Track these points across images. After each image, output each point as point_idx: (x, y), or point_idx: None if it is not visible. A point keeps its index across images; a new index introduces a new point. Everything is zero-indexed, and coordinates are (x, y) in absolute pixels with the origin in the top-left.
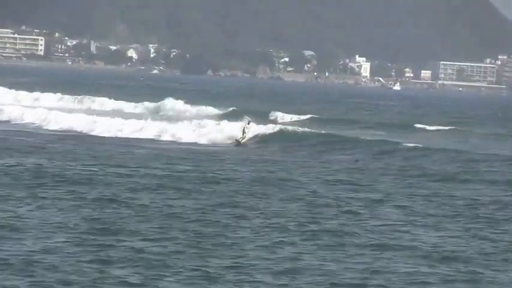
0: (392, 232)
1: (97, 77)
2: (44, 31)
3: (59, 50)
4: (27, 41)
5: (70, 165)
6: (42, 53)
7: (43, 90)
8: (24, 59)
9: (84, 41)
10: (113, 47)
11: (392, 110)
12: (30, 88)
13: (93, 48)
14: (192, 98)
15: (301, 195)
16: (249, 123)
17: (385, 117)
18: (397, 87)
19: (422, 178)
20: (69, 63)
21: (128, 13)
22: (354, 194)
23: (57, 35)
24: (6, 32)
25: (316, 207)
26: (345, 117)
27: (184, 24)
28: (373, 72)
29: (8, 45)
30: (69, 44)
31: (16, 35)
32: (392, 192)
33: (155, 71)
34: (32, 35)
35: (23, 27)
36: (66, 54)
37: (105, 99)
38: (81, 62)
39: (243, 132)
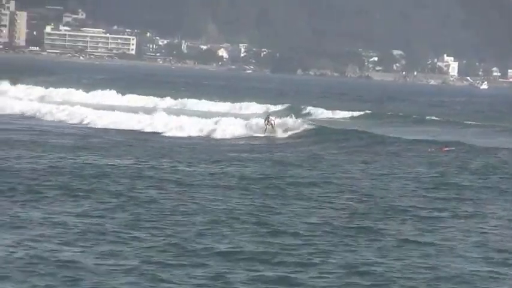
0: None
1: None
2: (136, 31)
3: (150, 49)
4: (119, 41)
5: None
6: (133, 52)
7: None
8: (116, 58)
9: (176, 41)
10: (204, 47)
11: None
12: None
13: (184, 47)
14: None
15: None
16: (269, 116)
17: None
18: (484, 86)
19: None
20: (160, 62)
21: (218, 13)
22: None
23: (148, 34)
24: (99, 32)
25: None
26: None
27: (274, 23)
28: (460, 71)
29: (100, 45)
30: (160, 43)
31: (108, 35)
32: None
33: (249, 71)
34: (124, 34)
35: (115, 27)
36: (158, 54)
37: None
38: (172, 61)
39: (265, 123)
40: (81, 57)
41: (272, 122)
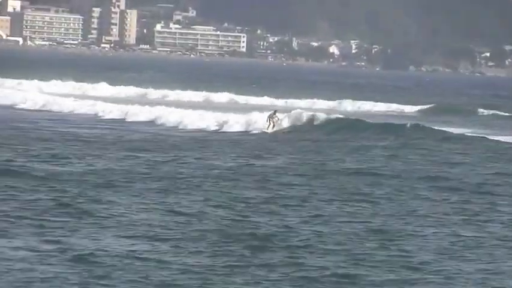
0: None
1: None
2: (246, 28)
3: (261, 46)
4: (230, 38)
5: None
6: (244, 49)
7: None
8: (227, 55)
9: (286, 38)
10: (315, 44)
11: None
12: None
13: (294, 44)
14: None
15: None
16: (275, 113)
17: None
18: None
19: None
20: (271, 59)
21: (329, 9)
22: None
23: (259, 32)
24: (209, 30)
25: None
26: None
27: (385, 20)
28: None
29: (210, 43)
30: (271, 40)
31: (219, 32)
32: None
33: (364, 68)
34: (234, 32)
35: (225, 25)
36: (268, 51)
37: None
38: (282, 58)
39: (268, 121)
40: (191, 55)
41: (275, 119)
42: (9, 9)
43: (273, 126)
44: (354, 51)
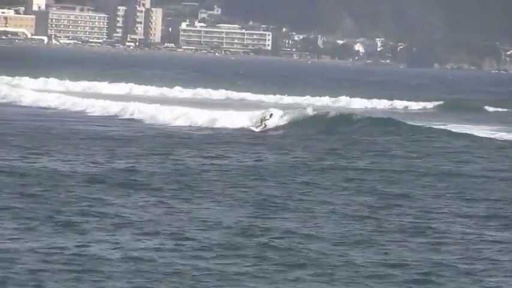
0: None
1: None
2: (271, 26)
3: (286, 45)
4: (255, 36)
5: None
6: (269, 48)
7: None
8: (252, 54)
9: (311, 36)
10: (340, 41)
11: None
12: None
13: (320, 42)
14: None
15: None
16: (270, 116)
17: None
18: None
19: None
20: (296, 57)
21: (354, 7)
22: None
23: (284, 30)
24: (234, 28)
25: None
26: None
27: (410, 17)
28: None
29: (235, 41)
30: (296, 38)
31: (244, 31)
32: None
33: (389, 66)
34: (260, 30)
35: (251, 23)
36: (293, 49)
37: None
38: (308, 56)
39: (261, 121)
40: (216, 54)
41: (267, 122)
42: (34, 7)
43: (264, 127)
44: (379, 49)
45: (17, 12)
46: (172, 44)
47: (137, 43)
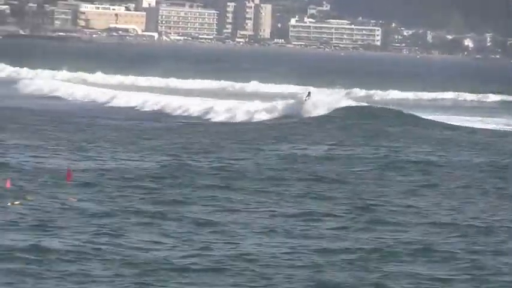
0: None
1: None
2: (381, 22)
3: (396, 40)
4: (364, 32)
5: None
6: (378, 43)
7: None
8: (361, 49)
9: (420, 31)
10: (449, 36)
11: None
12: None
13: (429, 37)
14: None
15: None
16: (309, 94)
17: None
18: None
19: None
20: (405, 53)
21: (464, 2)
22: None
23: (393, 25)
24: (343, 23)
25: None
26: None
27: None
28: None
29: (345, 36)
30: (405, 34)
31: (353, 26)
32: None
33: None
34: (369, 25)
35: (360, 18)
36: (403, 44)
37: None
38: (417, 51)
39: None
40: (326, 49)
41: (307, 98)
42: (145, 4)
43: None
44: (488, 44)
45: (127, 9)
46: (282, 40)
47: (247, 39)
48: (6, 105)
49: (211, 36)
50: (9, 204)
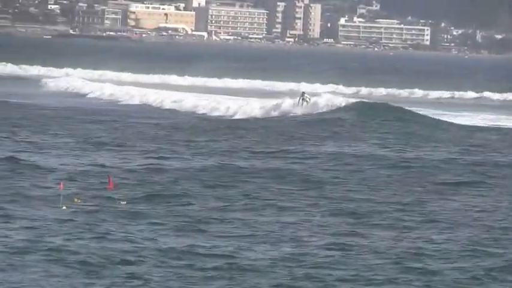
0: None
1: None
2: (430, 21)
3: (445, 39)
4: (413, 31)
5: None
6: (427, 43)
7: None
8: (410, 49)
9: (470, 31)
10: (499, 36)
11: None
12: None
13: (478, 37)
14: None
15: None
16: (302, 95)
17: None
18: None
19: None
20: (455, 52)
21: None
22: None
23: (442, 24)
24: (393, 23)
25: None
26: None
27: None
28: None
29: (394, 36)
30: (454, 33)
31: (402, 26)
32: None
33: None
34: (418, 25)
35: (409, 18)
36: (452, 44)
37: None
38: (466, 51)
39: (298, 101)
40: (375, 49)
41: (307, 99)
42: (194, 4)
43: (306, 103)
44: None
45: (177, 8)
46: (331, 40)
47: (296, 39)
48: (69, 106)
49: (261, 36)
50: (75, 200)
